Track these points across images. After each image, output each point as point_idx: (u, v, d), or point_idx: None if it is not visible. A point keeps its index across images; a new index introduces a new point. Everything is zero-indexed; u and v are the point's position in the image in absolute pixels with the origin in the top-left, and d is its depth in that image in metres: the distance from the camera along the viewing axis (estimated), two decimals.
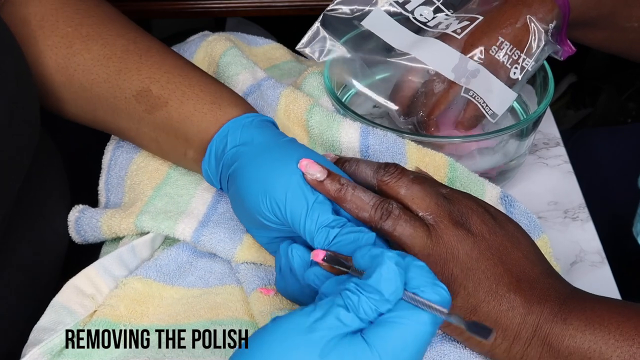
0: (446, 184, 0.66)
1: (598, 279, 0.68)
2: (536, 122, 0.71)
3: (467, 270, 0.53)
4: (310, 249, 0.54)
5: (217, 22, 1.44)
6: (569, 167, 0.78)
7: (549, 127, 0.83)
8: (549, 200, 0.75)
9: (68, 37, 0.63)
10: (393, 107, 0.71)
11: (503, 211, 0.65)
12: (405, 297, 0.46)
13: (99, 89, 0.63)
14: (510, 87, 0.70)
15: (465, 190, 0.66)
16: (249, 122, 0.60)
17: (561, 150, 0.80)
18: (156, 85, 0.62)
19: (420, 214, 0.55)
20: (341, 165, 0.59)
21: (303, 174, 0.55)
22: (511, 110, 0.77)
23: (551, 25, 0.71)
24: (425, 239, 0.54)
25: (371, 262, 0.47)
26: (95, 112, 0.65)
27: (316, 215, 0.54)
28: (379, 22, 0.73)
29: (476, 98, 0.69)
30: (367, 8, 0.74)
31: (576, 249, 0.70)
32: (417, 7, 0.74)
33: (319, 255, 0.52)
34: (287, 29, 0.91)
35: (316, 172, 0.55)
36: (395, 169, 0.57)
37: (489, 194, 0.66)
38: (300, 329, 0.44)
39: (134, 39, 0.64)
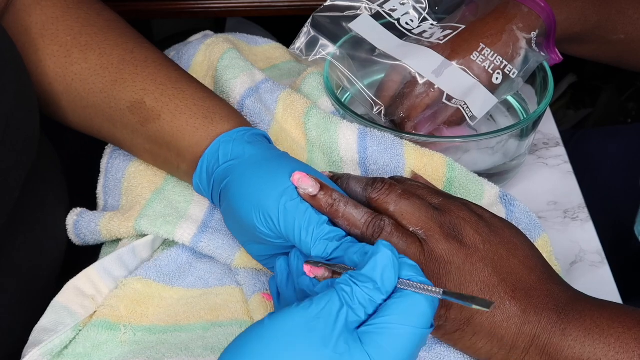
0: (444, 184, 0.66)
1: (598, 279, 0.68)
2: (536, 122, 0.71)
3: (459, 283, 0.53)
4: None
5: (217, 22, 1.44)
6: (568, 167, 0.78)
7: (548, 127, 0.83)
8: (548, 200, 0.75)
9: (67, 46, 0.63)
10: (372, 106, 0.72)
11: (503, 211, 0.65)
12: (400, 285, 0.45)
13: (95, 99, 0.63)
14: (492, 92, 0.71)
15: (463, 190, 0.66)
16: (240, 136, 0.60)
17: (561, 150, 0.80)
18: (150, 98, 0.62)
19: (411, 229, 0.55)
20: (334, 182, 0.59)
21: (296, 187, 0.54)
22: (511, 110, 0.77)
23: (534, 34, 0.72)
24: (418, 255, 0.53)
25: (365, 255, 0.47)
26: (92, 121, 0.65)
27: (312, 227, 0.53)
28: (366, 26, 0.74)
29: (456, 102, 0.70)
30: (355, 12, 0.75)
31: (576, 249, 0.70)
32: (403, 15, 0.75)
33: (309, 269, 0.52)
34: (287, 29, 0.91)
35: (308, 187, 0.54)
36: (382, 184, 0.57)
37: (488, 193, 0.66)
38: (299, 326, 0.44)
39: (132, 49, 0.64)
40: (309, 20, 0.75)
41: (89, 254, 0.66)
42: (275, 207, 0.53)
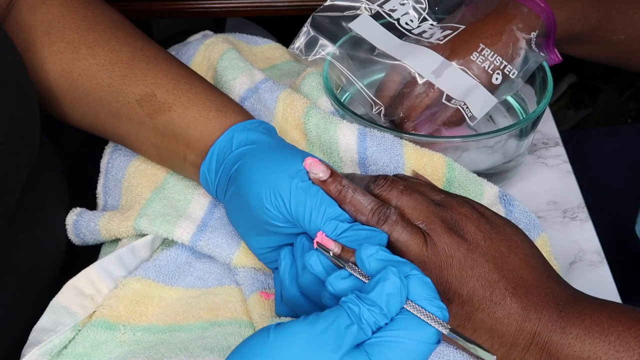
0: (444, 184, 0.66)
1: (597, 278, 0.68)
2: (535, 122, 0.71)
3: (460, 277, 0.53)
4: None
5: (217, 22, 1.44)
6: (568, 166, 0.78)
7: (548, 127, 0.83)
8: (548, 200, 0.75)
9: (74, 43, 0.63)
10: (372, 106, 0.72)
11: (502, 210, 0.65)
12: (408, 307, 0.46)
13: (102, 93, 0.63)
14: (491, 92, 0.71)
15: (463, 190, 0.66)
16: (255, 126, 0.61)
17: (560, 150, 0.80)
18: (162, 91, 0.62)
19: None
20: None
21: (307, 172, 0.56)
22: (510, 110, 0.77)
23: (534, 34, 0.72)
24: (420, 246, 0.54)
25: (376, 268, 0.47)
26: (96, 117, 0.65)
27: (323, 208, 0.54)
28: (366, 26, 0.74)
29: (456, 102, 0.70)
30: (355, 12, 0.75)
31: (575, 249, 0.70)
32: (403, 15, 0.75)
33: (321, 238, 0.52)
34: (287, 29, 0.91)
35: (319, 172, 0.55)
36: (384, 181, 0.57)
37: (488, 193, 0.66)
38: (306, 341, 0.44)
39: (141, 47, 0.65)
40: (309, 20, 0.75)
41: (89, 254, 0.66)
42: (287, 186, 0.54)
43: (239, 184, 0.57)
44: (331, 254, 0.51)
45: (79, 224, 0.65)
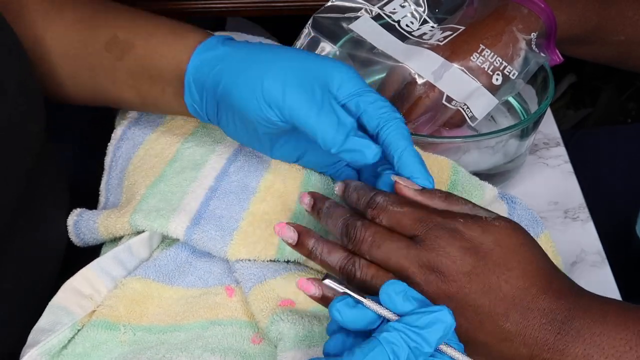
0: (449, 186, 0.66)
1: (598, 279, 0.68)
2: (536, 122, 0.71)
3: (453, 309, 0.49)
4: None
5: (217, 22, 1.44)
6: (569, 167, 0.78)
7: (549, 127, 0.83)
8: (549, 201, 0.75)
9: (44, 7, 0.64)
10: None
11: (504, 208, 0.65)
12: (443, 349, 0.46)
13: (75, 51, 0.64)
14: (492, 93, 0.71)
15: (466, 195, 0.65)
16: (213, 45, 0.60)
17: (561, 150, 0.80)
18: (122, 31, 0.63)
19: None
20: (316, 209, 0.58)
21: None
22: (511, 110, 0.77)
23: (534, 35, 0.72)
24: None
25: (404, 307, 0.47)
26: (75, 78, 0.65)
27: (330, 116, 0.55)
28: (367, 28, 0.74)
29: (456, 104, 0.69)
30: (355, 14, 0.75)
31: (576, 249, 0.70)
32: (403, 17, 0.75)
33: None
34: (287, 29, 0.91)
35: (288, 238, 0.55)
36: (354, 235, 0.54)
37: (489, 195, 0.66)
38: None
39: (104, 3, 0.66)
40: (310, 22, 0.75)
41: (89, 254, 0.66)
42: (281, 88, 0.56)
43: (232, 103, 0.58)
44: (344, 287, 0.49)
45: (79, 224, 0.65)
